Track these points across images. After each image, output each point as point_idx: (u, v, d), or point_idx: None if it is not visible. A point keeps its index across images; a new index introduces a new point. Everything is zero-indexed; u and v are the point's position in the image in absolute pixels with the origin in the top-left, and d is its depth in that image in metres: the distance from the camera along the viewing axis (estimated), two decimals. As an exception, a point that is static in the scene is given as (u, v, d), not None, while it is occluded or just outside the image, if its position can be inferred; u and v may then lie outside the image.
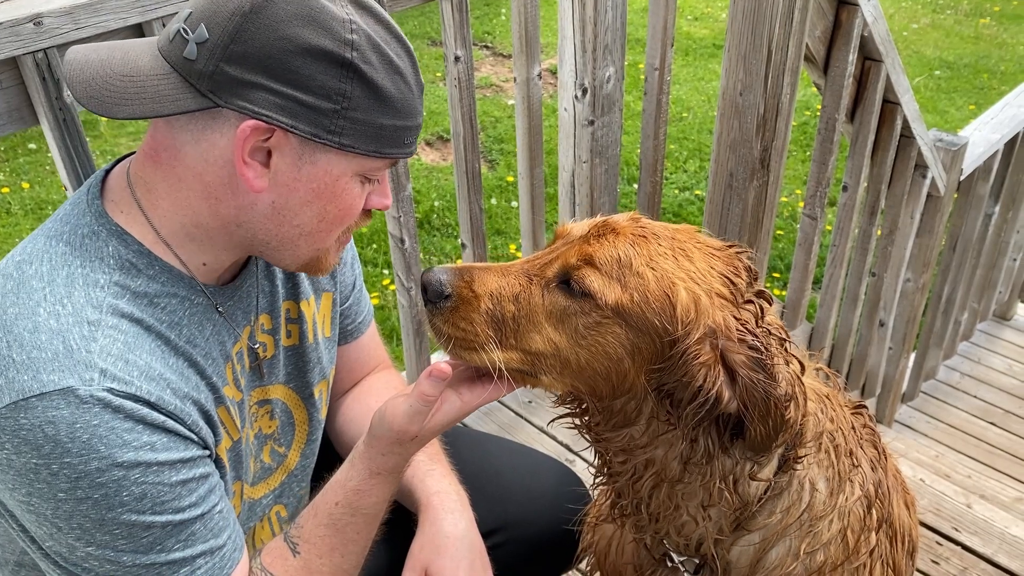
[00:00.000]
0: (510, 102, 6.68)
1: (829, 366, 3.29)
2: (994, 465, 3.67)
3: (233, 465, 1.22)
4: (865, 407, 1.50)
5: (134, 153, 1.14)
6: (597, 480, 1.32)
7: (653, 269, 1.06)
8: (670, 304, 1.06)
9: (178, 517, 1.04)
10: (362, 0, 1.06)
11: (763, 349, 1.06)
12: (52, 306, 1.01)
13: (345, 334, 1.51)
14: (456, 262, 1.35)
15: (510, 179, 5.60)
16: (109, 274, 1.05)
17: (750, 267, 1.16)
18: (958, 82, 7.80)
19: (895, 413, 3.85)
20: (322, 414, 1.43)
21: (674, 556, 1.34)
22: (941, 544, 2.36)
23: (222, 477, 1.16)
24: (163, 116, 1.02)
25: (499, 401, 2.80)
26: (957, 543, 2.37)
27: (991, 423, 3.95)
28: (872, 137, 2.67)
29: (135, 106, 1.02)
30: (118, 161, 1.16)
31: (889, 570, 1.50)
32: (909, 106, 2.72)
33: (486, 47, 7.92)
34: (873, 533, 1.39)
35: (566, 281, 1.08)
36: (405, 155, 1.13)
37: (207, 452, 1.10)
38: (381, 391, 1.55)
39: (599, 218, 1.14)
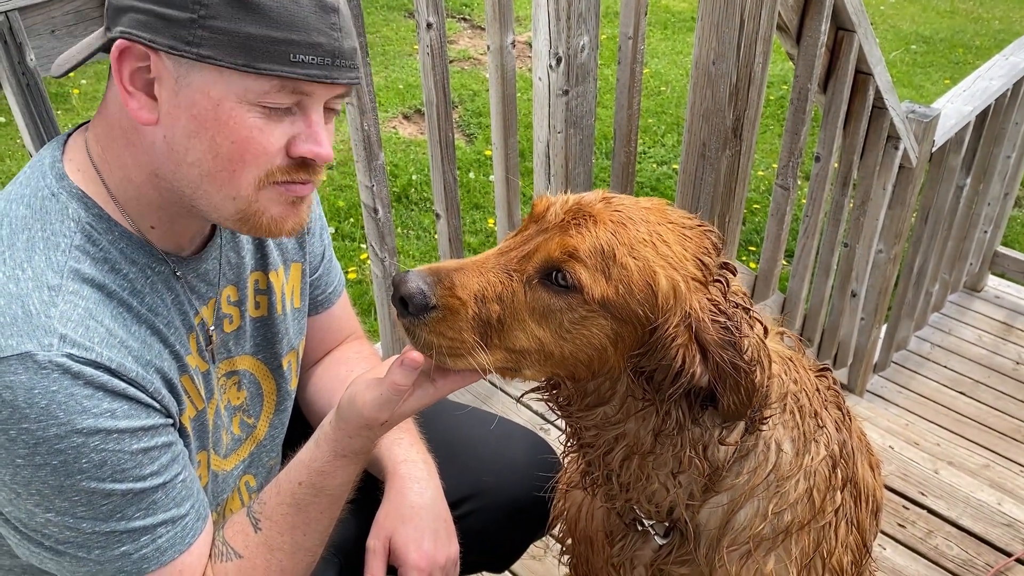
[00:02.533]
0: (487, 74, 6.63)
1: (801, 336, 3.33)
2: (962, 433, 3.74)
3: (197, 435, 1.21)
4: (829, 369, 1.52)
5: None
6: (567, 450, 1.34)
7: (635, 259, 1.06)
8: (652, 293, 1.07)
9: (139, 485, 1.03)
10: None
11: (733, 328, 1.09)
12: (11, 270, 0.99)
13: (315, 304, 1.50)
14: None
15: (488, 153, 5.59)
16: (70, 238, 1.04)
17: (716, 244, 1.18)
18: (934, 56, 7.85)
19: (867, 383, 3.90)
20: (291, 384, 1.42)
21: (644, 521, 1.36)
22: (908, 508, 2.40)
23: (186, 447, 1.16)
24: (84, 62, 1.06)
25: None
26: (923, 507, 2.41)
27: (960, 392, 4.02)
28: (844, 108, 2.68)
29: (74, 55, 1.07)
30: (81, 125, 1.15)
31: (854, 528, 1.53)
32: (882, 77, 2.73)
33: (464, 19, 7.86)
34: (838, 492, 1.42)
35: (548, 275, 1.06)
36: (301, 75, 1.00)
37: (170, 421, 1.09)
38: (352, 361, 1.55)
39: (570, 198, 1.12)
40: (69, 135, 1.14)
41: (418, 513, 1.33)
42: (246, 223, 1.10)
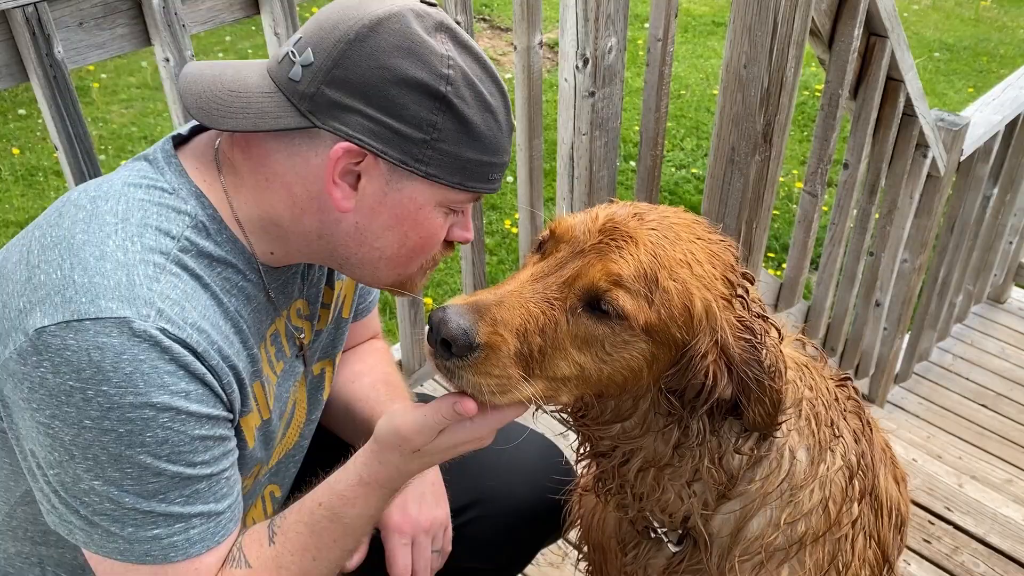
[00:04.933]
0: (508, 75, 6.61)
1: (824, 345, 3.29)
2: (985, 447, 3.68)
3: (262, 444, 1.20)
4: (850, 378, 1.49)
5: (201, 127, 1.17)
6: (580, 457, 1.31)
7: (675, 281, 1.04)
8: (689, 316, 1.06)
9: (188, 471, 1.03)
10: (461, 37, 1.10)
11: (757, 345, 1.09)
12: (122, 240, 1.02)
13: (357, 313, 1.51)
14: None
15: (506, 153, 5.54)
16: (182, 229, 1.07)
17: (738, 258, 1.17)
18: (957, 64, 7.77)
19: (888, 393, 3.85)
20: (324, 394, 1.41)
21: (657, 528, 1.33)
22: (933, 523, 2.36)
23: (244, 452, 1.16)
24: (264, 131, 1.08)
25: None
26: (949, 523, 2.37)
27: (982, 405, 3.97)
28: (875, 115, 2.64)
29: (239, 120, 1.08)
30: (195, 131, 1.18)
31: (872, 542, 1.49)
32: (912, 84, 2.69)
33: (483, 19, 7.84)
34: (855, 504, 1.38)
35: (590, 303, 1.04)
36: (488, 190, 1.16)
37: (230, 417, 1.10)
38: (366, 354, 1.56)
39: (598, 214, 1.08)
40: (176, 138, 1.16)
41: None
42: (393, 288, 1.23)
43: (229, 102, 1.09)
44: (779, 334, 1.18)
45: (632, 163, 5.58)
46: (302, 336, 1.28)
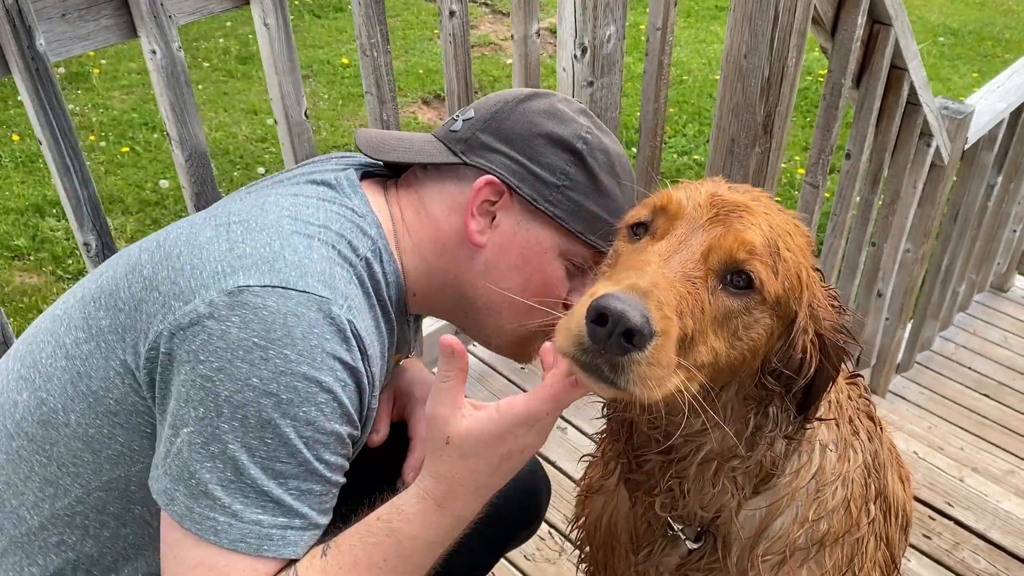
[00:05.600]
0: (509, 61, 6.56)
1: (825, 336, 3.26)
2: (986, 437, 3.66)
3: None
4: (861, 376, 1.46)
5: (363, 156, 1.32)
6: (598, 456, 1.28)
7: (790, 251, 1.01)
8: (800, 285, 1.03)
9: (315, 464, 1.02)
10: (599, 122, 1.27)
11: (842, 309, 1.08)
12: (323, 240, 1.09)
13: None
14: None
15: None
16: (367, 250, 1.15)
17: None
18: (962, 49, 7.70)
19: (889, 383, 3.83)
20: None
21: (674, 525, 1.29)
22: (934, 519, 2.34)
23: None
24: (419, 162, 1.26)
25: (493, 367, 2.77)
26: (950, 518, 2.35)
27: (984, 395, 3.94)
28: (878, 104, 2.60)
29: (399, 153, 1.27)
30: (369, 171, 1.30)
31: (883, 544, 1.48)
32: (917, 72, 2.64)
33: (484, 4, 7.77)
34: (872, 504, 1.36)
35: (726, 277, 0.98)
36: (602, 248, 1.23)
37: (357, 432, 1.10)
38: None
39: (696, 188, 1.04)
40: (360, 170, 1.27)
41: (420, 371, 1.44)
42: (512, 348, 1.33)
43: (395, 143, 1.29)
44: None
45: (634, 149, 5.54)
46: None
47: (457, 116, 1.28)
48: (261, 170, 5.15)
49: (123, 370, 1.04)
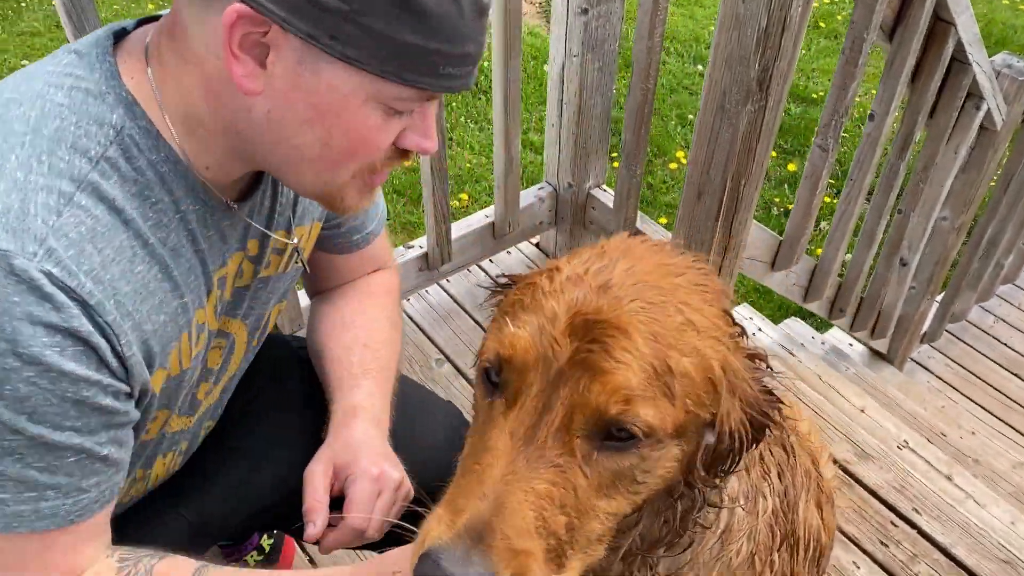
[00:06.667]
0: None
1: (833, 306, 3.04)
2: (1008, 421, 3.42)
3: (165, 395, 1.06)
4: (778, 399, 1.30)
5: (157, 17, 1.00)
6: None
7: (689, 357, 0.83)
8: (713, 387, 0.86)
9: (54, 437, 0.89)
10: None
11: (763, 372, 0.93)
12: (27, 158, 0.87)
13: (351, 245, 1.37)
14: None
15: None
16: (104, 147, 0.90)
17: (712, 274, 0.97)
18: None
19: (910, 352, 3.59)
20: (255, 343, 1.29)
21: None
22: (896, 525, 2.17)
23: (145, 406, 1.02)
24: None
25: (461, 306, 2.65)
26: (914, 526, 2.18)
27: (1015, 375, 3.68)
28: (913, 60, 2.30)
29: None
30: (141, 22, 1.02)
31: None
32: (967, 28, 2.32)
33: None
34: (776, 553, 1.25)
35: (603, 435, 0.82)
36: (443, 88, 0.93)
37: (122, 387, 0.94)
38: (358, 297, 1.42)
39: (555, 308, 0.82)
40: (123, 30, 1.00)
41: (365, 450, 1.21)
42: (321, 200, 1.05)
43: None
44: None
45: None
46: (254, 277, 1.15)
47: None
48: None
49: None
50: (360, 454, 1.20)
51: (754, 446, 0.94)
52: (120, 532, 1.20)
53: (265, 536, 1.98)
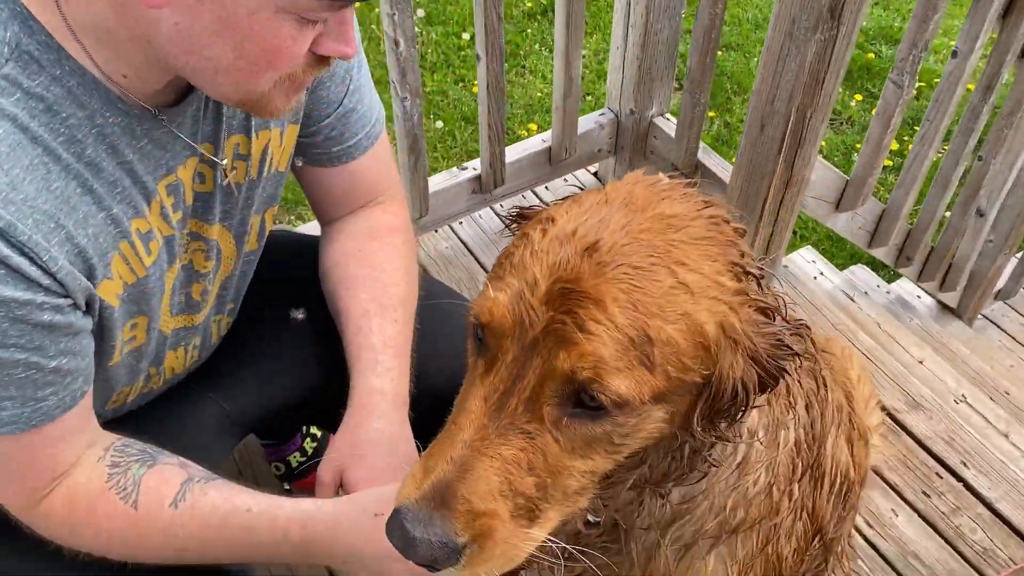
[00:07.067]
0: None
1: (900, 254, 2.93)
2: (1083, 386, 3.28)
3: (130, 303, 1.09)
4: (807, 327, 1.27)
5: None
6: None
7: (673, 323, 0.80)
8: (704, 349, 0.84)
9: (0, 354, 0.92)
10: None
11: (781, 332, 0.89)
12: None
13: (330, 158, 1.33)
14: None
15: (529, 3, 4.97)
16: (0, 65, 0.88)
17: (729, 219, 0.92)
18: None
19: (981, 308, 3.45)
20: (250, 246, 1.30)
21: None
22: (941, 477, 2.13)
23: (104, 317, 1.05)
24: None
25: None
26: (960, 479, 2.13)
27: (1100, 339, 3.51)
28: (1006, -6, 2.16)
29: None
30: None
31: (805, 513, 1.35)
32: (1071, -42, 2.16)
33: None
34: (795, 485, 1.23)
35: (574, 401, 0.82)
36: None
37: (60, 301, 0.95)
38: (362, 234, 1.39)
39: (536, 274, 0.81)
40: None
41: (375, 450, 1.22)
42: (245, 108, 1.04)
43: None
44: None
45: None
46: (216, 183, 1.14)
47: None
48: None
49: None
50: (365, 463, 1.22)
51: (763, 394, 0.92)
52: (157, 418, 1.26)
53: (308, 439, 2.05)
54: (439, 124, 4.10)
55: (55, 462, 1.05)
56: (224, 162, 1.14)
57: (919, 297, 3.33)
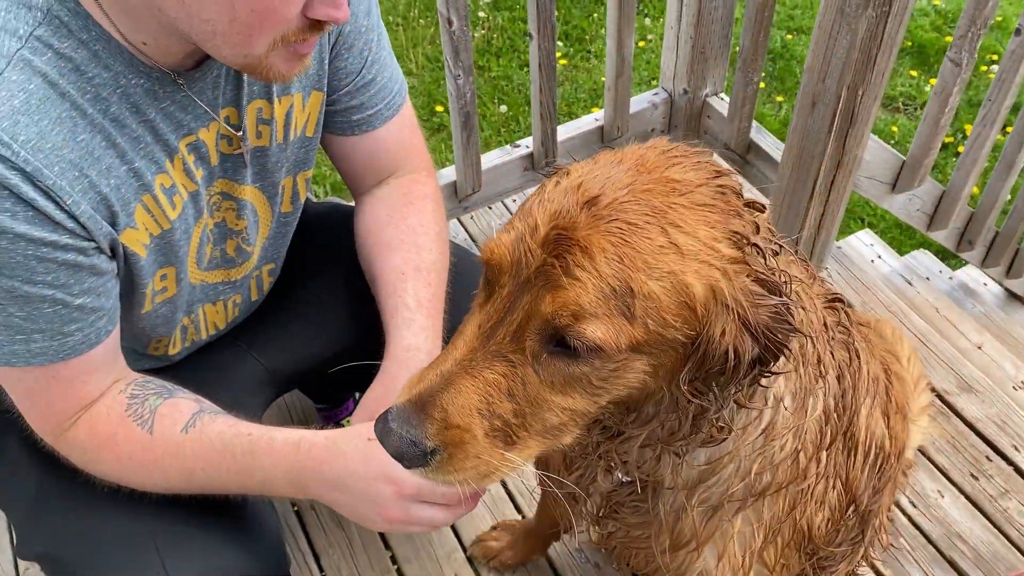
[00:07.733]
0: None
1: (962, 238, 2.87)
2: None
3: (158, 253, 1.18)
4: (841, 300, 1.28)
5: None
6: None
7: (659, 280, 0.84)
8: (689, 309, 0.87)
9: (28, 289, 1.01)
10: None
11: (783, 306, 0.91)
12: None
13: (352, 126, 1.40)
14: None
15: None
16: (32, 27, 0.95)
17: (739, 190, 0.95)
18: None
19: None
20: (284, 207, 1.38)
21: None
22: (991, 460, 2.10)
23: (132, 264, 1.14)
24: None
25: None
26: (1011, 463, 2.09)
27: None
28: (1073, -31, 2.10)
29: None
30: None
31: (839, 481, 1.36)
32: None
33: None
34: (824, 452, 1.25)
35: (556, 341, 0.87)
36: None
37: (84, 243, 1.03)
38: (395, 201, 1.45)
39: (537, 219, 0.86)
40: None
41: None
42: (251, 72, 1.08)
43: None
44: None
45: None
46: (238, 148, 1.21)
47: None
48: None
49: None
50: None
51: (759, 368, 0.93)
52: (199, 371, 1.35)
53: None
54: (503, 108, 4.14)
55: (80, 394, 1.13)
56: (240, 132, 1.21)
57: (985, 284, 3.25)
